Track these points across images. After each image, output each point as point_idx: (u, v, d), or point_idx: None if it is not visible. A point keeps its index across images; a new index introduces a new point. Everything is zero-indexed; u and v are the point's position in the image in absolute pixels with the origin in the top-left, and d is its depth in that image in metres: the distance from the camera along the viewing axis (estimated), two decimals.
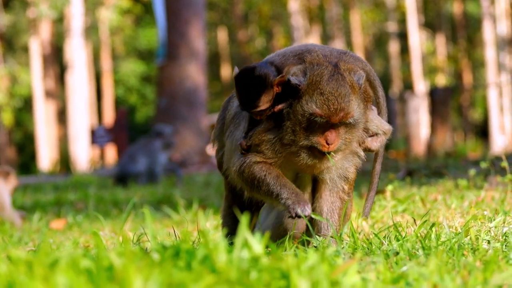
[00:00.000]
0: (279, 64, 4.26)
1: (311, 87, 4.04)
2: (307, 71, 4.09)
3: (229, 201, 4.81)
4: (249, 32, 57.43)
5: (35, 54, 44.22)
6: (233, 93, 4.73)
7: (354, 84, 4.09)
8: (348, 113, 4.03)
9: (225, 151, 4.59)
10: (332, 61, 4.14)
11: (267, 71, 4.20)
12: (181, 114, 23.70)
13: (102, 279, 2.62)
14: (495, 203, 6.02)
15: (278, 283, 2.78)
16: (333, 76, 4.05)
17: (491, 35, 44.43)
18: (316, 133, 4.06)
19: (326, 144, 4.06)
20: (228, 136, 4.54)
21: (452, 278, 3.16)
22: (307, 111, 4.02)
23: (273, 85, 4.15)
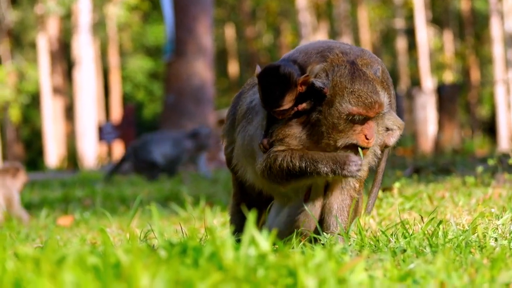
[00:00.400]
0: (302, 62, 4.22)
1: (338, 88, 4.04)
2: (328, 72, 4.09)
3: (238, 199, 4.81)
4: (256, 28, 57.40)
5: (42, 51, 44.28)
6: (243, 89, 4.72)
7: (374, 76, 4.12)
8: (382, 104, 4.07)
9: (236, 147, 4.59)
10: (350, 59, 4.15)
11: (291, 70, 4.16)
12: (188, 111, 23.70)
13: (109, 276, 2.62)
14: (503, 200, 6.01)
15: (285, 280, 2.78)
16: (354, 74, 4.06)
17: (499, 31, 44.33)
18: (353, 131, 4.07)
19: (366, 140, 4.07)
20: (239, 131, 4.54)
21: (459, 275, 3.15)
22: (344, 112, 4.01)
23: (297, 84, 4.12)
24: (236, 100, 4.73)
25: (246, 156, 4.51)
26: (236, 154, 4.59)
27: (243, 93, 4.68)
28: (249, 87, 4.66)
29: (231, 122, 4.71)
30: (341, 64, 4.10)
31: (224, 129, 4.81)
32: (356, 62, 4.13)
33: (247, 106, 4.52)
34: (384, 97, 4.09)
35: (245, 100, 4.58)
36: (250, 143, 4.41)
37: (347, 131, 4.06)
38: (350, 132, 4.07)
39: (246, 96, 4.60)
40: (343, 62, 4.11)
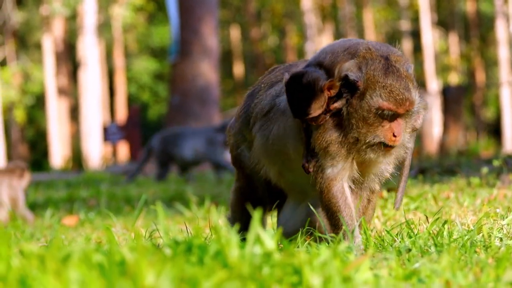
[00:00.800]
0: (329, 63, 4.16)
1: (371, 82, 4.01)
2: (362, 66, 4.06)
3: (243, 195, 4.78)
4: (262, 30, 57.41)
5: (48, 51, 44.34)
6: (257, 87, 4.69)
7: (407, 74, 4.10)
8: (413, 102, 4.04)
9: (255, 145, 4.55)
10: (384, 54, 4.12)
11: (317, 76, 4.11)
12: (193, 112, 23.71)
13: (114, 273, 2.62)
14: (508, 201, 6.01)
15: (291, 278, 2.78)
16: (388, 69, 4.04)
17: (504, 34, 44.29)
18: (381, 127, 4.05)
19: (393, 137, 4.06)
20: (258, 130, 4.50)
21: (465, 274, 3.15)
22: (374, 105, 3.99)
23: (323, 90, 4.07)
24: (250, 99, 4.68)
25: (269, 156, 4.48)
26: (256, 153, 4.55)
27: (258, 91, 4.63)
28: (266, 86, 4.61)
29: (244, 121, 4.66)
30: (375, 59, 4.07)
31: (233, 127, 4.79)
32: (390, 58, 4.11)
33: (269, 105, 4.47)
34: (415, 95, 4.06)
35: (263, 99, 4.53)
36: (276, 143, 4.39)
37: (376, 126, 4.03)
38: (378, 128, 4.04)
39: (264, 94, 4.56)
40: (376, 57, 4.08)
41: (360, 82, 4.02)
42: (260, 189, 4.69)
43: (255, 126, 4.54)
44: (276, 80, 4.57)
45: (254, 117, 4.56)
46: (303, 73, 4.16)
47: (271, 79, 4.61)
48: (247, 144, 4.66)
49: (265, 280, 2.72)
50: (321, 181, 4.22)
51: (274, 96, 4.48)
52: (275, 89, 4.51)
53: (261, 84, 4.69)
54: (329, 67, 4.15)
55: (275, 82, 4.56)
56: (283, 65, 4.75)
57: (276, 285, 2.73)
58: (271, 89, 4.54)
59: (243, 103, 4.76)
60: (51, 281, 2.60)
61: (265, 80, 4.68)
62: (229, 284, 2.63)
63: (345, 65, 4.09)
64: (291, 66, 4.60)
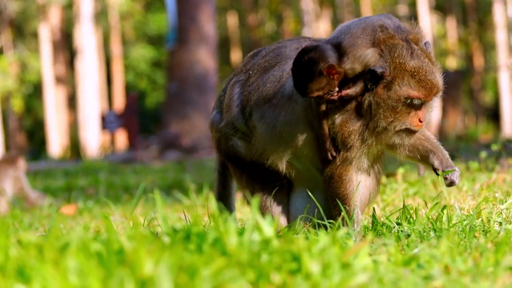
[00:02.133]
0: (347, 45, 4.04)
1: (398, 71, 3.95)
2: (385, 54, 3.99)
3: (250, 184, 4.68)
4: (259, 16, 57.30)
5: (44, 40, 44.26)
6: (242, 74, 4.56)
7: (429, 55, 4.07)
8: (439, 88, 4.04)
9: (259, 136, 4.40)
10: (403, 36, 4.06)
11: (322, 56, 4.00)
12: (191, 99, 23.70)
13: (113, 262, 2.62)
14: (507, 185, 6.00)
15: (289, 265, 2.77)
16: (413, 54, 3.99)
17: (502, 17, 44.24)
18: (407, 114, 4.01)
19: (419, 122, 4.04)
20: (261, 118, 4.35)
21: (464, 259, 3.15)
22: (403, 95, 3.95)
23: (322, 72, 3.98)
24: (239, 88, 4.54)
25: (277, 145, 4.35)
26: (259, 144, 4.40)
27: (248, 78, 4.49)
28: (258, 72, 4.47)
29: (235, 112, 4.49)
30: (397, 44, 4.01)
31: (218, 120, 4.65)
32: (409, 39, 4.06)
33: (271, 91, 4.34)
34: (440, 78, 4.04)
35: (260, 85, 4.39)
36: (285, 130, 4.27)
37: (403, 114, 3.99)
38: (405, 115, 4.00)
39: (259, 81, 4.42)
40: (398, 42, 4.02)
41: (387, 73, 3.96)
42: (262, 175, 4.58)
43: (254, 116, 4.39)
44: (269, 65, 4.44)
45: (251, 105, 4.41)
46: (312, 48, 4.06)
47: (262, 64, 4.48)
48: (240, 135, 4.52)
49: (264, 267, 2.71)
50: (334, 167, 4.19)
51: (275, 81, 4.35)
52: (273, 74, 4.38)
53: (248, 71, 4.56)
54: (348, 49, 4.04)
55: (268, 67, 4.43)
56: (267, 48, 4.62)
57: (274, 272, 2.72)
58: (267, 75, 4.41)
59: (230, 93, 4.59)
60: (49, 271, 2.59)
61: (253, 66, 4.55)
62: (227, 271, 2.62)
63: (367, 56, 4.00)
64: (279, 48, 4.49)
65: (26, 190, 9.45)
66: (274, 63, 4.43)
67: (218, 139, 4.66)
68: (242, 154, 4.57)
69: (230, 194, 5.00)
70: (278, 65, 4.39)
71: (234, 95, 4.56)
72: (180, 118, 23.61)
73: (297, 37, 4.61)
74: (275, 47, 4.54)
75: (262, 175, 4.55)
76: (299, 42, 4.45)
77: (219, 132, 4.63)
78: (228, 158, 4.68)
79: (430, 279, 2.94)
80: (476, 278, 2.96)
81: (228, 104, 4.58)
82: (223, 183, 4.97)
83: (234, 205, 5.07)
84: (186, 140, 23.25)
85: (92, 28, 39.73)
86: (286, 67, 4.32)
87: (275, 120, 4.30)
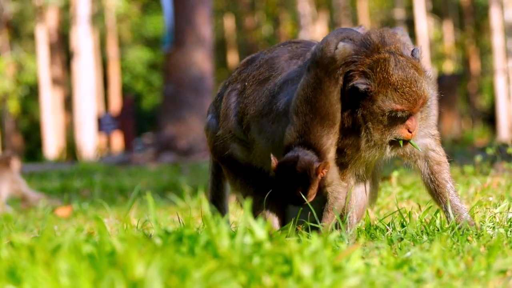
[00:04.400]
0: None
1: (382, 85, 3.94)
2: (367, 70, 3.97)
3: (246, 188, 4.67)
4: (256, 19, 57.31)
5: (41, 42, 44.22)
6: (239, 83, 4.54)
7: (415, 63, 4.04)
8: (426, 98, 4.01)
9: (259, 149, 4.42)
10: (387, 49, 4.02)
11: (309, 160, 4.02)
12: (187, 101, 23.68)
13: (104, 264, 2.61)
14: (501, 189, 6.01)
15: (281, 268, 2.77)
16: (396, 67, 3.96)
17: (498, 21, 44.28)
18: (397, 125, 4.01)
19: (409, 133, 4.02)
20: (260, 132, 4.37)
21: (456, 263, 3.15)
22: (387, 109, 3.94)
23: (318, 173, 4.02)
24: (235, 97, 4.54)
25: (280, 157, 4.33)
26: (260, 157, 4.43)
27: (244, 89, 4.49)
28: (253, 83, 4.47)
29: (233, 121, 4.50)
30: (381, 58, 3.98)
31: (214, 126, 4.66)
32: (394, 51, 4.03)
33: (267, 106, 4.34)
34: (427, 88, 4.01)
35: (256, 99, 4.40)
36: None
37: (391, 126, 3.99)
38: (393, 127, 4.00)
39: (254, 94, 4.42)
40: (383, 55, 3.99)
41: (372, 88, 3.95)
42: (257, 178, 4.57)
43: (253, 129, 4.41)
44: (263, 78, 4.44)
45: (249, 119, 4.43)
46: (294, 159, 4.05)
47: (256, 76, 4.48)
48: (238, 142, 4.53)
49: (255, 270, 2.71)
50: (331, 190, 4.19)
51: (269, 96, 4.35)
52: (267, 88, 4.39)
53: (244, 81, 4.56)
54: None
55: (262, 80, 4.43)
56: (261, 56, 4.61)
57: (266, 274, 2.72)
58: (262, 88, 4.41)
59: (226, 102, 4.60)
60: (40, 272, 2.59)
61: (248, 76, 4.55)
62: (219, 274, 2.62)
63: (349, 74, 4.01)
64: (272, 59, 4.48)
65: (24, 191, 9.44)
66: (268, 76, 4.43)
67: (214, 142, 4.66)
68: (237, 156, 4.58)
69: (224, 196, 5.00)
70: (272, 78, 4.39)
71: (230, 104, 4.56)
72: (176, 120, 23.59)
73: (289, 42, 4.60)
74: (268, 57, 4.53)
75: (256, 178, 4.56)
76: (291, 50, 4.47)
77: (215, 139, 4.64)
78: (223, 160, 4.68)
79: (422, 282, 2.94)
80: (467, 281, 2.96)
81: (225, 113, 4.58)
82: (217, 184, 4.97)
83: (227, 207, 5.07)
84: (182, 143, 23.24)
85: (89, 30, 39.71)
86: (278, 81, 4.34)
87: (274, 135, 4.31)
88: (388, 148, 4.09)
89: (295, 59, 4.34)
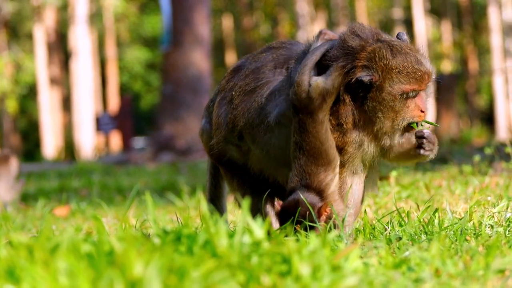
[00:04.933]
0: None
1: (385, 72, 3.98)
2: (366, 62, 4.01)
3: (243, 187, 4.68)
4: (254, 19, 57.31)
5: (39, 42, 44.22)
6: (227, 92, 4.54)
7: (408, 45, 4.11)
8: (430, 73, 4.07)
9: (256, 158, 4.44)
10: (377, 39, 4.10)
11: (311, 203, 4.02)
12: (185, 101, 23.67)
13: (103, 263, 2.61)
14: (500, 189, 6.01)
15: (279, 267, 2.77)
16: (392, 51, 4.02)
17: (497, 21, 44.30)
18: (407, 108, 4.04)
19: (421, 113, 4.06)
20: (254, 141, 4.38)
21: (454, 262, 3.15)
22: (398, 92, 3.98)
23: (320, 214, 4.02)
24: (224, 106, 4.54)
25: (274, 166, 4.40)
26: (258, 165, 4.44)
27: (231, 99, 4.49)
28: (241, 93, 4.46)
29: (227, 129, 4.50)
30: (375, 48, 4.03)
31: (208, 132, 4.68)
32: (382, 38, 4.11)
33: (257, 118, 4.34)
34: (428, 64, 4.08)
35: (245, 110, 4.39)
36: (279, 154, 4.30)
37: (403, 109, 4.02)
38: (405, 110, 4.03)
39: (243, 104, 4.41)
40: (376, 45, 4.06)
41: (376, 77, 3.98)
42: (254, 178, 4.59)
43: (246, 138, 4.43)
44: (250, 88, 4.42)
45: (240, 129, 4.44)
46: (295, 203, 4.07)
47: (243, 86, 4.47)
48: (234, 146, 4.54)
49: (254, 269, 2.71)
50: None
51: (258, 108, 4.35)
52: (255, 100, 4.38)
53: (231, 90, 4.54)
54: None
55: (249, 91, 4.42)
56: (247, 65, 4.57)
57: (264, 274, 2.72)
58: (250, 100, 4.40)
59: (217, 112, 4.60)
60: (39, 272, 2.59)
61: (235, 86, 4.53)
62: (217, 273, 2.62)
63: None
64: (258, 69, 4.45)
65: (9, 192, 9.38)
66: (254, 87, 4.41)
67: (210, 149, 4.68)
68: (234, 157, 4.59)
69: (222, 196, 5.01)
70: (258, 89, 4.38)
71: (221, 113, 4.57)
72: (174, 120, 23.59)
73: (270, 48, 4.56)
74: (254, 67, 4.50)
75: (254, 178, 4.57)
76: (274, 58, 4.43)
77: (211, 147, 4.65)
78: (220, 162, 4.70)
79: (420, 282, 2.94)
80: (466, 281, 2.96)
81: (217, 122, 4.59)
82: (215, 184, 4.97)
83: (225, 207, 5.07)
84: (180, 142, 23.24)
85: (87, 30, 39.70)
86: (264, 92, 4.33)
87: (268, 145, 4.33)
88: (398, 136, 4.10)
89: (279, 68, 4.34)
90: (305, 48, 4.36)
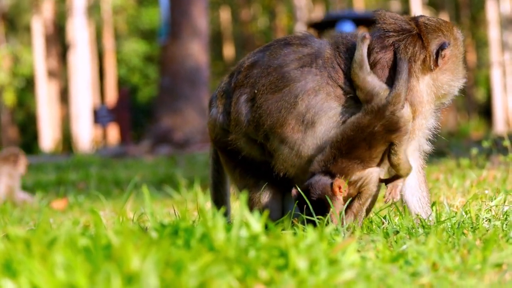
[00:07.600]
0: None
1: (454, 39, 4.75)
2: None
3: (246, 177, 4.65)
4: (252, 11, 57.24)
5: (37, 34, 44.16)
6: (250, 87, 4.44)
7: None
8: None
9: (284, 158, 4.33)
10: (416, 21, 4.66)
11: (323, 184, 4.02)
12: (183, 93, 23.66)
13: (100, 257, 2.61)
14: (497, 182, 6.01)
15: (277, 261, 2.77)
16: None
17: (494, 14, 44.29)
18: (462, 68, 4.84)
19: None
20: (282, 142, 4.31)
21: (452, 256, 3.15)
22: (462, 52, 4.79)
23: (335, 193, 4.02)
24: (245, 102, 4.45)
25: (304, 165, 4.30)
26: (284, 165, 4.34)
27: (257, 97, 4.38)
28: (266, 93, 4.36)
29: (248, 125, 4.41)
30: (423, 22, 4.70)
31: (221, 123, 4.58)
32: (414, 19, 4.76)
33: (290, 117, 4.28)
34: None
35: (271, 111, 4.31)
36: (313, 153, 4.23)
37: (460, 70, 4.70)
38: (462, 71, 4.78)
39: (268, 102, 4.34)
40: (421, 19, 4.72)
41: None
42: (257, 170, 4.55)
43: (272, 139, 4.34)
44: (277, 88, 4.31)
45: (266, 129, 4.35)
46: (309, 186, 4.06)
47: (267, 85, 4.36)
48: (257, 146, 4.46)
49: (251, 263, 2.71)
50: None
51: (289, 108, 4.28)
52: (284, 99, 4.29)
53: (253, 87, 4.43)
54: None
55: (276, 90, 4.31)
56: (265, 58, 4.45)
57: (262, 268, 2.72)
58: (277, 99, 4.31)
59: (236, 108, 4.49)
60: (36, 265, 2.59)
61: (257, 82, 4.42)
62: (214, 267, 2.62)
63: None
64: (280, 67, 4.35)
65: (15, 189, 9.41)
66: (281, 86, 4.30)
67: (217, 134, 4.63)
68: (241, 148, 4.52)
69: (226, 181, 4.95)
70: (287, 89, 4.27)
71: (242, 110, 4.47)
72: (172, 112, 23.58)
73: (290, 41, 4.45)
74: (276, 65, 4.37)
75: (256, 170, 4.53)
76: (299, 58, 4.32)
77: (235, 136, 4.53)
78: (223, 150, 4.64)
79: (418, 275, 2.94)
80: (463, 275, 2.96)
81: (237, 119, 4.49)
82: (217, 169, 4.92)
83: (229, 192, 4.99)
84: (178, 135, 23.22)
85: (85, 22, 39.66)
86: (296, 91, 4.24)
87: (299, 146, 4.26)
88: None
89: (307, 67, 4.25)
90: (329, 46, 4.33)
